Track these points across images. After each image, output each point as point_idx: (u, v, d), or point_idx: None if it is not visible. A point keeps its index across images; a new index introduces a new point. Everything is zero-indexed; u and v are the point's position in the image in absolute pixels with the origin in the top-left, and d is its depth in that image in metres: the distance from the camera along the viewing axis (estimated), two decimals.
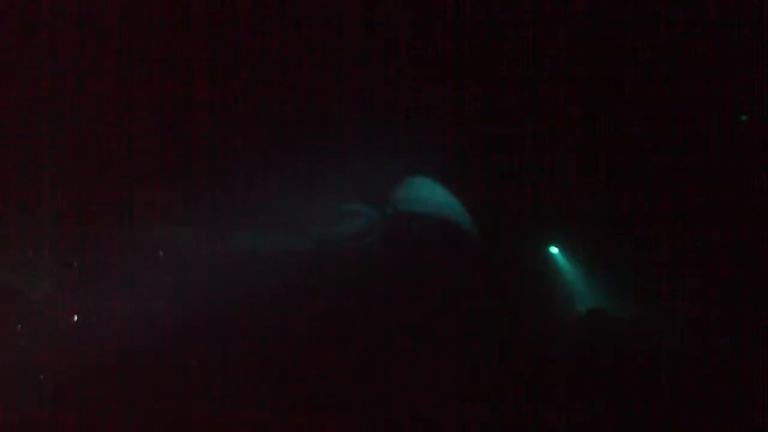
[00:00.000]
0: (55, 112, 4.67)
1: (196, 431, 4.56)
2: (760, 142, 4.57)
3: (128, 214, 4.78)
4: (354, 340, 4.78)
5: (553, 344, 4.58)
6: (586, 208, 4.63)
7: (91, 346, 4.63)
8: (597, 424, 4.39)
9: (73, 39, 4.63)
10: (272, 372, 4.77)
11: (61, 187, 4.71)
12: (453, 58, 4.78)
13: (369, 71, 4.83)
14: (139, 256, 4.86)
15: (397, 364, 4.73)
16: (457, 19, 4.72)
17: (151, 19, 4.65)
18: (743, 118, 4.61)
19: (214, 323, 4.82)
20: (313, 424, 4.61)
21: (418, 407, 4.65)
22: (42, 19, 4.58)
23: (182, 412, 4.59)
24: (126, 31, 4.64)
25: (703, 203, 4.58)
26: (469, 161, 4.83)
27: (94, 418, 4.45)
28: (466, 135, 4.83)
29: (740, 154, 4.58)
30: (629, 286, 4.56)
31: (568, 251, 4.74)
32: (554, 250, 4.69)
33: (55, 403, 4.51)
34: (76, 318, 4.68)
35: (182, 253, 4.84)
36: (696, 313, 4.48)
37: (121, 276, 4.79)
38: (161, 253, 4.80)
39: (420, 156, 4.88)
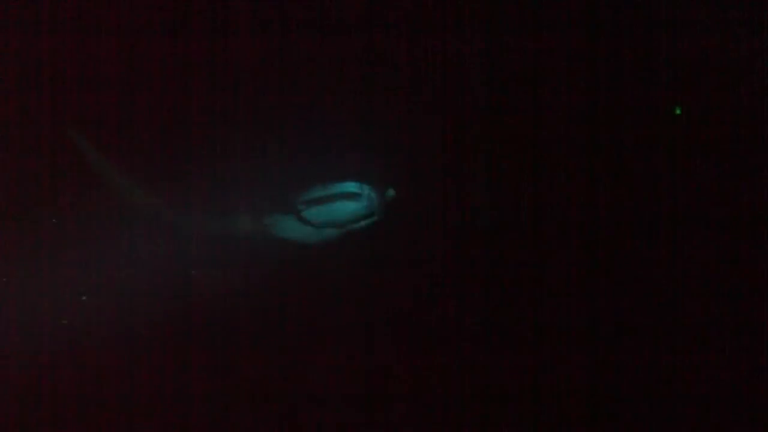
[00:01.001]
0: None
1: None
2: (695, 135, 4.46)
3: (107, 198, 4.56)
4: (353, 332, 4.55)
5: None
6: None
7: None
8: None
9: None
10: (265, 371, 4.49)
11: None
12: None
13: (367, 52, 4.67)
14: (123, 242, 4.55)
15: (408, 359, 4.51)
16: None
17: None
18: (678, 110, 4.43)
19: (202, 316, 4.53)
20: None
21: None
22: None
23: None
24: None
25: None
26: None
27: None
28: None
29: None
30: None
31: None
32: None
33: None
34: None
35: (166, 238, 4.55)
36: None
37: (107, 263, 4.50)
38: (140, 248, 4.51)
39: (421, 133, 4.67)
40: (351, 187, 4.57)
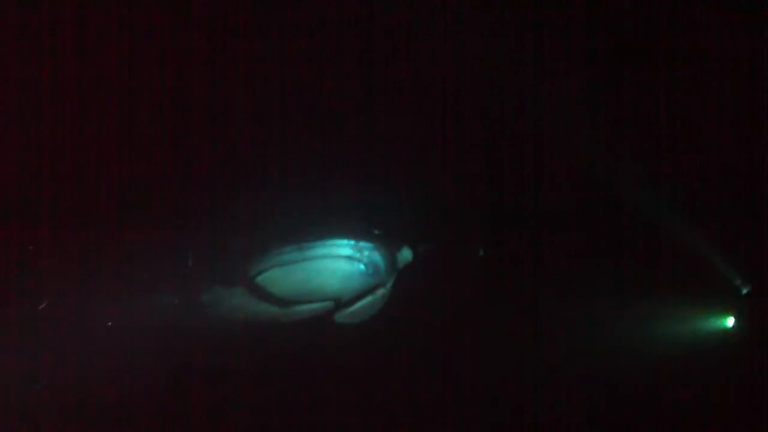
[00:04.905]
0: None
1: None
2: None
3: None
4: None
5: None
6: None
7: None
8: None
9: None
10: None
11: None
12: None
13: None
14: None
15: None
16: None
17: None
18: None
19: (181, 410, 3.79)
20: None
21: None
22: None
23: None
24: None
25: None
26: None
27: None
28: None
29: None
30: None
31: None
32: None
33: None
34: None
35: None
36: None
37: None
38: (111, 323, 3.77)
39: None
40: (343, 247, 3.19)
